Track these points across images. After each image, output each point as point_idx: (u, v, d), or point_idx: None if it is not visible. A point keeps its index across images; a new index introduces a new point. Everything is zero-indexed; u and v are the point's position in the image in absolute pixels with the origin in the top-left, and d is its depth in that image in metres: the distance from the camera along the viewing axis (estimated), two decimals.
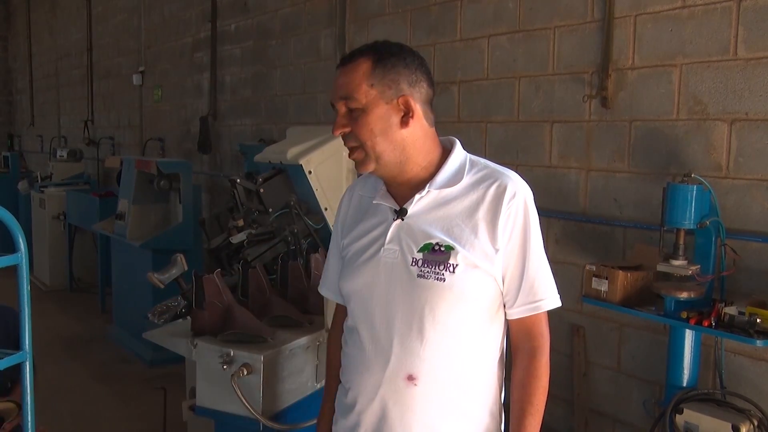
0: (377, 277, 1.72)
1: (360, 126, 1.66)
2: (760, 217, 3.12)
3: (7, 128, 14.38)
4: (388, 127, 1.68)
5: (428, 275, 1.65)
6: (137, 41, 9.40)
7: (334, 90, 1.71)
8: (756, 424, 2.90)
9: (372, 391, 1.71)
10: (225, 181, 5.16)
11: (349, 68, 1.69)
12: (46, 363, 2.70)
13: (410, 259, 1.68)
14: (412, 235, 1.69)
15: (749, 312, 2.82)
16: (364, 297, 1.75)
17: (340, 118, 1.70)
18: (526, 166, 4.07)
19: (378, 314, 1.71)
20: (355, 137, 1.68)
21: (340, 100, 1.69)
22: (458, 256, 1.64)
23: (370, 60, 1.68)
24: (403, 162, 1.71)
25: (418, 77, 1.71)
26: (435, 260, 1.65)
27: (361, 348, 1.74)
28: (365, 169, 1.70)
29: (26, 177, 10.33)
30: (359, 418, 1.75)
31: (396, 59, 1.70)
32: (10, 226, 1.97)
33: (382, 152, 1.67)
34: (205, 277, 2.54)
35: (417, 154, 1.73)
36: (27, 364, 2.01)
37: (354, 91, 1.66)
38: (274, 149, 4.16)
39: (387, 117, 1.67)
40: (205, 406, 2.46)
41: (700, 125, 3.31)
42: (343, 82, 1.69)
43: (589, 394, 3.91)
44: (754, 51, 3.11)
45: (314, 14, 5.97)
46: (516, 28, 4.15)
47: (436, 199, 1.71)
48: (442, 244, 1.66)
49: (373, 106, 1.66)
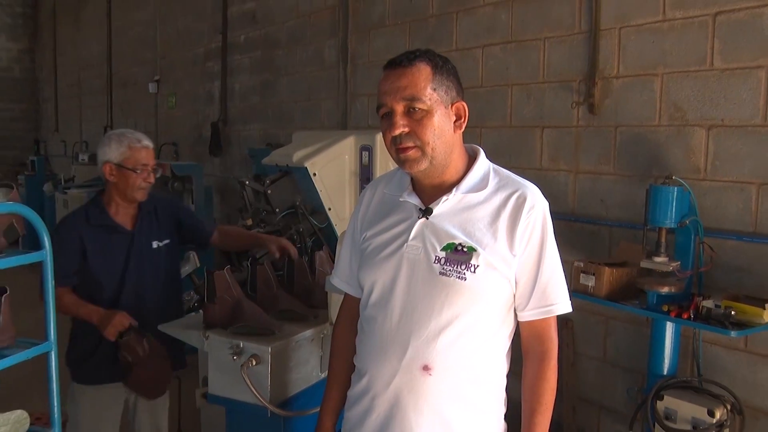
0: (399, 271, 1.72)
1: (424, 127, 1.64)
2: (735, 217, 3.13)
3: (34, 134, 14.37)
4: (447, 130, 1.68)
5: (450, 273, 1.66)
6: (153, 52, 9.41)
7: (394, 91, 1.65)
8: (729, 408, 2.92)
9: (388, 378, 1.71)
10: (235, 182, 5.17)
11: (411, 71, 1.65)
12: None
13: (433, 257, 1.68)
14: (436, 234, 1.70)
15: (725, 305, 2.84)
16: (385, 288, 1.74)
17: (399, 118, 1.65)
18: (518, 168, 4.03)
19: (398, 306, 1.71)
20: (415, 137, 1.65)
21: (402, 101, 1.64)
22: (479, 258, 1.65)
23: (429, 65, 1.67)
24: (447, 164, 1.71)
25: (461, 86, 1.73)
26: (457, 260, 1.66)
27: (380, 337, 1.73)
28: (418, 167, 1.67)
29: (51, 179, 10.32)
30: (373, 403, 1.74)
31: (449, 66, 1.71)
32: (36, 225, 1.98)
33: (437, 153, 1.66)
34: (216, 273, 2.54)
35: (457, 158, 1.74)
36: (52, 354, 2.01)
37: (420, 93, 1.63)
38: (281, 153, 4.16)
39: (446, 120, 1.67)
40: (216, 394, 2.46)
41: (680, 131, 3.32)
42: (406, 83, 1.64)
43: (577, 383, 3.92)
44: (728, 62, 3.13)
45: (318, 26, 5.98)
46: (508, 38, 4.16)
47: (461, 202, 1.72)
48: (464, 245, 1.66)
49: (436, 109, 1.65)
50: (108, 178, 2.88)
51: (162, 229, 3.00)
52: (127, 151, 2.86)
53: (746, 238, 3.09)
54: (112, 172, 2.87)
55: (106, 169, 2.87)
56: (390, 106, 1.67)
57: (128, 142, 2.88)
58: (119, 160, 2.86)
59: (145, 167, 2.89)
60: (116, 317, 2.67)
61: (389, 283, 1.73)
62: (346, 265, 1.94)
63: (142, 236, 2.94)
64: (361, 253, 1.84)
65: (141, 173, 2.87)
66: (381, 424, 1.73)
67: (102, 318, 2.69)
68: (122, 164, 2.86)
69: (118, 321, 2.67)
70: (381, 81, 1.70)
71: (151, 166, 2.92)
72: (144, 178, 2.88)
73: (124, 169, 2.85)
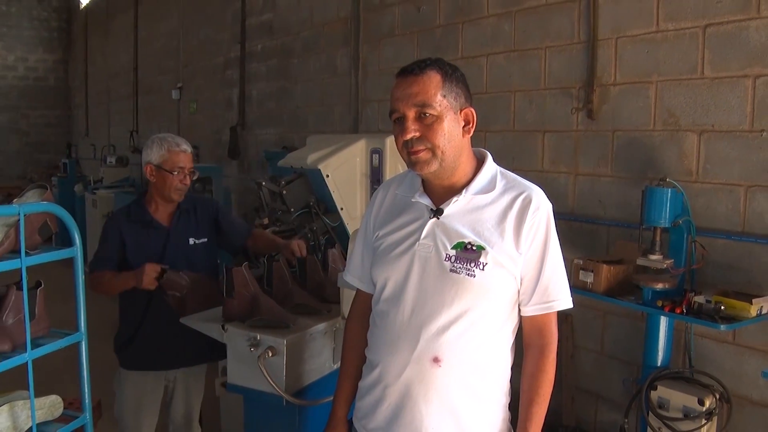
0: (411, 268, 1.72)
1: (434, 131, 1.65)
2: (725, 217, 3.14)
3: (66, 138, 14.48)
4: (456, 134, 1.68)
5: (460, 270, 1.66)
6: (176, 61, 9.45)
7: (406, 97, 1.66)
8: (718, 397, 2.94)
9: (399, 370, 1.71)
10: (252, 183, 5.16)
11: (422, 78, 1.66)
12: (98, 343, 2.73)
13: (444, 255, 1.68)
14: (447, 233, 1.70)
15: (715, 300, 2.84)
16: (397, 285, 1.74)
17: (410, 123, 1.66)
18: (520, 170, 3.99)
19: (410, 301, 1.71)
20: (426, 141, 1.65)
21: (414, 107, 1.65)
22: (488, 256, 1.65)
23: (440, 73, 1.67)
24: (455, 167, 1.72)
25: (469, 93, 1.74)
26: (467, 258, 1.66)
27: (392, 330, 1.73)
28: (428, 168, 1.68)
29: (81, 180, 10.37)
30: (384, 393, 1.75)
31: (458, 74, 1.71)
32: (67, 223, 2.00)
33: (447, 156, 1.67)
34: (234, 270, 2.54)
35: (465, 160, 1.74)
36: (82, 344, 2.04)
37: (431, 99, 1.64)
38: (296, 155, 4.18)
39: (455, 125, 1.68)
40: (235, 383, 2.46)
41: (673, 135, 3.33)
42: (417, 90, 1.65)
43: (576, 374, 3.93)
44: (718, 71, 3.13)
45: (331, 36, 6.00)
46: (511, 47, 4.17)
47: (470, 203, 1.72)
48: (474, 244, 1.67)
49: (446, 115, 1.66)
50: (149, 177, 2.96)
51: (200, 228, 3.04)
52: (165, 153, 2.93)
53: (735, 237, 3.09)
54: (152, 173, 2.94)
55: (147, 169, 2.96)
56: (402, 112, 1.67)
57: (167, 145, 2.94)
58: (158, 162, 2.93)
59: (182, 170, 2.94)
60: (146, 267, 2.73)
61: (401, 280, 1.73)
62: (358, 263, 1.94)
63: (179, 233, 2.99)
64: (374, 251, 1.84)
65: (177, 175, 2.92)
66: (392, 413, 1.74)
67: (136, 275, 2.75)
68: (161, 166, 2.92)
69: (149, 269, 2.73)
70: (393, 88, 1.71)
71: (188, 168, 2.97)
72: (180, 180, 2.93)
73: (162, 170, 2.92)
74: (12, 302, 1.93)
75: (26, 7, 14.35)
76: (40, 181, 2.70)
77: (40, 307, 2.01)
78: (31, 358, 1.87)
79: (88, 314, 2.08)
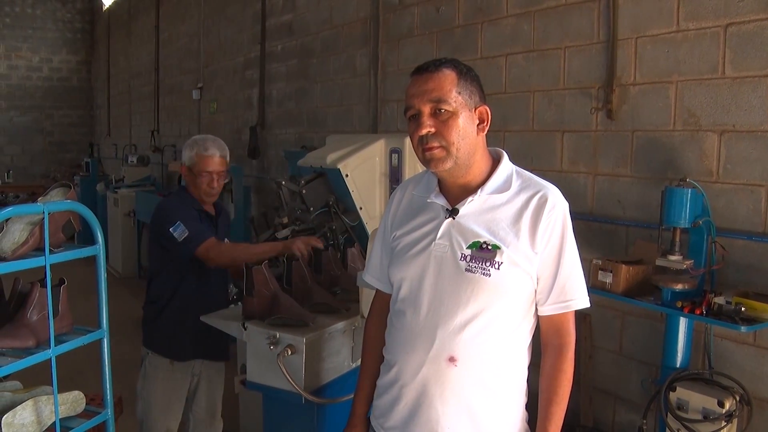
0: (427, 268, 1.72)
1: (449, 127, 1.64)
2: (746, 218, 3.10)
3: (89, 138, 14.67)
4: (470, 132, 1.68)
5: (475, 270, 1.65)
6: (197, 61, 9.51)
7: (422, 93, 1.66)
8: (738, 399, 2.90)
9: (416, 369, 1.71)
10: (271, 183, 5.19)
11: (438, 75, 1.66)
12: (120, 340, 2.76)
13: (459, 254, 1.68)
14: (462, 232, 1.69)
15: (735, 302, 2.81)
16: (414, 284, 1.74)
17: (426, 118, 1.66)
18: (539, 170, 4.01)
19: (426, 301, 1.71)
20: (440, 137, 1.65)
21: (429, 103, 1.65)
22: (503, 255, 1.65)
23: (455, 71, 1.67)
24: (470, 165, 1.71)
25: (483, 93, 1.73)
26: (482, 257, 1.65)
27: (409, 330, 1.73)
28: (443, 165, 1.67)
29: (103, 180, 10.50)
30: (401, 392, 1.74)
31: (473, 74, 1.71)
32: (90, 222, 2.02)
33: (461, 153, 1.66)
34: (254, 269, 2.56)
35: (480, 159, 1.74)
36: (104, 341, 2.06)
37: (446, 95, 1.64)
38: (315, 155, 4.19)
39: (469, 122, 1.68)
40: (254, 381, 2.48)
41: (693, 135, 3.29)
42: (433, 86, 1.65)
43: (594, 374, 3.90)
44: (739, 71, 3.09)
45: (351, 36, 6.00)
46: (531, 47, 4.15)
47: (486, 203, 1.71)
48: (489, 243, 1.66)
49: (461, 111, 1.66)
50: (185, 178, 3.04)
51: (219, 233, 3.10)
52: (194, 157, 2.98)
53: (756, 238, 3.05)
54: (185, 174, 3.02)
55: (182, 170, 3.04)
56: (417, 108, 1.67)
57: (197, 149, 2.99)
58: (189, 164, 3.00)
59: (209, 174, 2.97)
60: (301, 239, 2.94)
61: (417, 280, 1.73)
62: (377, 263, 1.94)
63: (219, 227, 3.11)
64: (391, 251, 1.84)
65: (204, 178, 2.96)
66: (409, 412, 1.74)
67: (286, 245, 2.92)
68: (191, 168, 2.98)
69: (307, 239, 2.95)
70: (409, 86, 1.71)
71: (216, 173, 3.00)
72: (207, 183, 2.97)
73: (191, 173, 2.98)
74: (36, 299, 1.96)
75: (50, 9, 14.55)
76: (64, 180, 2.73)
77: (63, 304, 2.04)
78: (54, 354, 1.90)
79: (110, 312, 2.10)
